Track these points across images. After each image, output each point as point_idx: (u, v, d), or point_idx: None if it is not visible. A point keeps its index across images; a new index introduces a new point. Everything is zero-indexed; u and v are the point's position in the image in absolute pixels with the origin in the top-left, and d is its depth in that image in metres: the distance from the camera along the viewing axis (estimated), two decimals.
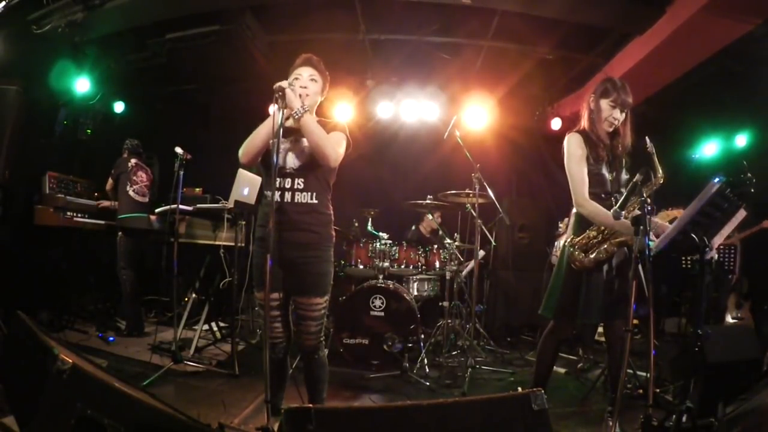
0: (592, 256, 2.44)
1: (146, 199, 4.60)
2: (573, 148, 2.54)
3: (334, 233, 2.35)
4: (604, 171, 2.54)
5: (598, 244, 2.45)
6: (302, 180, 2.21)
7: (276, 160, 2.10)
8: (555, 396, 3.26)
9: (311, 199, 2.22)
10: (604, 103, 2.54)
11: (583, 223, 2.53)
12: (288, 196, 2.20)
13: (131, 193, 4.47)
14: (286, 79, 2.23)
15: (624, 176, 2.61)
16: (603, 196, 2.53)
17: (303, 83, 2.27)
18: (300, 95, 2.21)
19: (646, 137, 2.30)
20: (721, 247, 4.39)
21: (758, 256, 4.58)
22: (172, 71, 5.53)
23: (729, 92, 4.97)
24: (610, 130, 2.56)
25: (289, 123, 2.24)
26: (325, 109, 5.47)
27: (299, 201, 2.21)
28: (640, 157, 2.47)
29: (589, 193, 2.49)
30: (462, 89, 5.86)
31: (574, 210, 2.61)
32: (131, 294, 4.41)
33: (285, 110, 2.14)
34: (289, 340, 2.37)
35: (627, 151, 2.62)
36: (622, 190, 2.59)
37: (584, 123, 2.62)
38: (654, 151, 2.30)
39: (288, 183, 2.21)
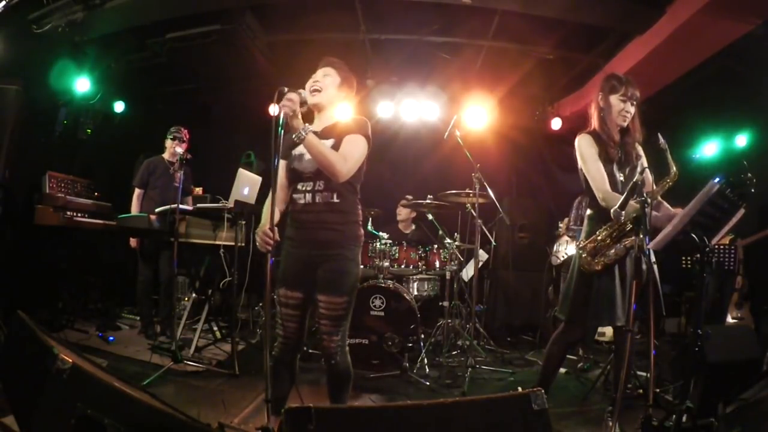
0: (601, 259, 2.44)
1: None
2: (585, 148, 2.53)
3: (361, 234, 2.32)
4: (615, 171, 2.53)
5: (606, 247, 2.44)
6: (322, 182, 2.21)
7: (276, 162, 2.09)
8: (555, 396, 3.25)
9: (333, 198, 2.21)
10: (614, 99, 2.53)
11: (596, 227, 2.52)
12: (309, 197, 2.22)
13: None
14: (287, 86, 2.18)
15: (641, 167, 2.56)
16: None
17: (316, 78, 2.29)
18: (312, 91, 2.23)
19: (659, 133, 2.29)
20: (722, 246, 4.39)
21: (758, 256, 4.59)
22: (172, 71, 5.54)
23: (729, 92, 4.97)
24: (624, 124, 2.55)
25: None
26: None
27: (320, 201, 2.21)
28: (653, 154, 2.46)
29: None
30: (462, 89, 5.86)
31: (588, 212, 2.60)
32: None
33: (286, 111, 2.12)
34: (301, 341, 2.33)
35: (638, 143, 2.61)
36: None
37: (594, 123, 2.60)
38: (667, 147, 2.29)
39: (310, 186, 2.22)
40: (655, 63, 4.40)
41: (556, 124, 5.95)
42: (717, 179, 2.05)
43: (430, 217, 4.69)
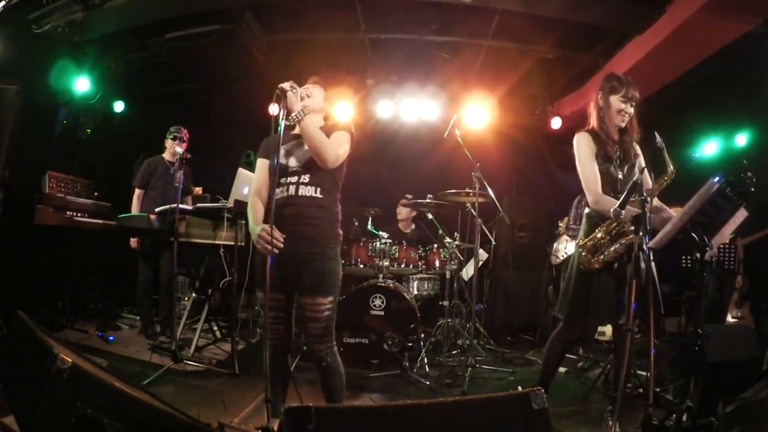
0: (600, 257, 2.44)
1: None
2: (581, 147, 2.54)
3: (340, 232, 2.34)
4: (614, 170, 2.54)
5: (605, 245, 2.44)
6: (307, 175, 2.24)
7: (277, 160, 2.13)
8: (555, 395, 3.25)
9: (315, 193, 2.24)
10: (614, 100, 2.54)
11: (595, 225, 2.52)
12: (293, 189, 2.23)
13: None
14: (288, 82, 2.24)
15: (639, 166, 2.58)
16: (612, 194, 2.52)
17: (306, 86, 2.39)
18: (302, 97, 2.27)
19: (656, 132, 2.29)
20: (722, 246, 4.39)
21: (758, 255, 4.59)
22: (172, 71, 5.53)
23: (729, 92, 4.97)
24: (623, 125, 2.56)
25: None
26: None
27: (303, 194, 2.22)
28: (650, 153, 2.47)
29: None
30: (462, 88, 5.86)
31: (586, 211, 2.61)
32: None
33: (285, 111, 2.17)
34: (290, 342, 2.35)
35: (636, 141, 2.62)
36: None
37: (593, 122, 2.61)
38: (664, 146, 2.29)
39: (294, 179, 2.25)
40: (654, 62, 4.40)
41: (556, 123, 5.94)
42: (717, 178, 2.05)
43: (430, 216, 4.69)
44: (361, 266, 4.33)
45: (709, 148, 5.55)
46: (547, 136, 6.23)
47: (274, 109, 2.20)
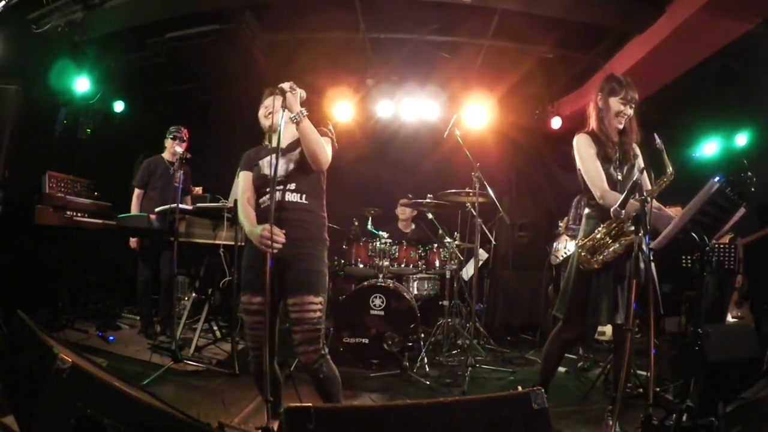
0: (600, 257, 2.44)
1: None
2: (583, 148, 2.55)
3: (327, 237, 2.35)
4: (613, 171, 2.54)
5: (605, 245, 2.44)
6: (293, 183, 2.26)
7: (277, 161, 2.12)
8: (555, 395, 3.25)
9: (301, 199, 2.26)
10: (614, 101, 2.54)
11: (594, 225, 2.53)
12: (279, 195, 2.24)
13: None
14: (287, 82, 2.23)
15: (639, 167, 2.59)
16: None
17: (266, 104, 2.37)
18: (302, 98, 2.25)
19: (655, 134, 2.30)
20: (722, 246, 4.39)
21: (758, 255, 4.58)
22: (172, 71, 5.53)
23: (729, 91, 4.96)
24: (621, 126, 2.57)
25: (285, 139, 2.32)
26: (324, 108, 5.50)
27: (289, 200, 2.25)
28: (649, 153, 2.48)
29: None
30: (462, 88, 5.86)
31: (586, 211, 2.61)
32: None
33: (285, 112, 2.17)
34: (275, 349, 2.32)
35: (635, 143, 2.62)
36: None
37: (592, 123, 2.62)
38: (663, 147, 2.30)
39: (280, 187, 2.26)
40: (654, 62, 4.40)
41: (555, 123, 5.94)
42: (717, 178, 2.05)
43: (430, 216, 4.69)
44: (361, 266, 4.33)
45: (709, 148, 5.55)
46: (547, 136, 6.24)
47: (276, 106, 2.20)
